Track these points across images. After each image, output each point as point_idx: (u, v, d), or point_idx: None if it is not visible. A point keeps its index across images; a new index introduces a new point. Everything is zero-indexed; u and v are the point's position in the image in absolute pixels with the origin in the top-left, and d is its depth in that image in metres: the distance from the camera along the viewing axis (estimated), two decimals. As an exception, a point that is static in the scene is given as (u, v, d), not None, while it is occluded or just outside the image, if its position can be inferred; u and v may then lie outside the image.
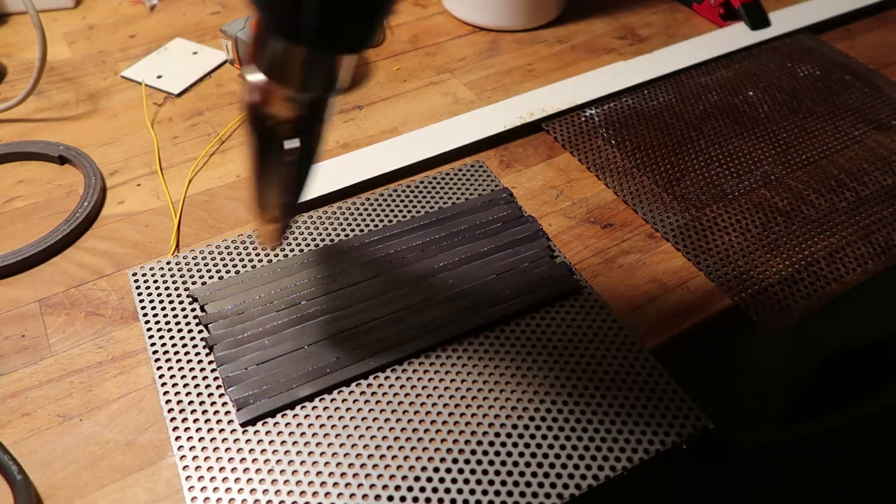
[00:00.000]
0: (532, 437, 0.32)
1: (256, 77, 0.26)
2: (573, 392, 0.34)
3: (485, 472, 0.31)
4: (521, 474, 0.31)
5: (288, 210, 0.31)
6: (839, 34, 0.60)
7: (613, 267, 0.40)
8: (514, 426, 0.32)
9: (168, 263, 0.39)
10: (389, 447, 0.32)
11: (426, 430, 0.32)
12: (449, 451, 0.31)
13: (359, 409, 0.33)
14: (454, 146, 0.46)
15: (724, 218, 0.42)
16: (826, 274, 0.39)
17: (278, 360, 0.34)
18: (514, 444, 0.32)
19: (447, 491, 0.30)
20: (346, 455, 0.31)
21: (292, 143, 0.28)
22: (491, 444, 0.32)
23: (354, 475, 0.31)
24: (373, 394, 0.34)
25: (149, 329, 0.36)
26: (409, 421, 0.33)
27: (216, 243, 0.40)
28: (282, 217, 0.31)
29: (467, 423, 0.32)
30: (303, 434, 0.32)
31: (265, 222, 0.31)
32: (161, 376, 0.34)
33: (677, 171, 0.46)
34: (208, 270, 0.39)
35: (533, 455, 0.31)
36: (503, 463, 0.31)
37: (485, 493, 0.30)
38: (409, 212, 0.42)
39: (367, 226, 0.42)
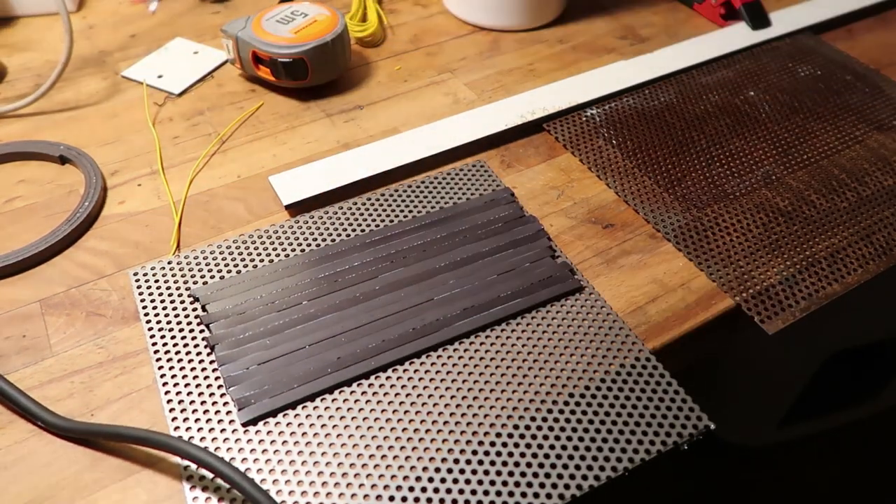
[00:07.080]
0: (533, 437, 0.32)
1: None
2: (574, 392, 0.34)
3: (486, 472, 0.31)
4: (522, 474, 0.31)
5: None
6: (840, 34, 0.60)
7: (615, 267, 0.40)
8: (516, 426, 0.32)
9: (169, 263, 0.39)
10: (390, 447, 0.32)
11: (427, 430, 0.32)
12: (450, 450, 0.31)
13: (360, 409, 0.33)
14: (455, 145, 0.46)
15: (726, 218, 0.42)
16: (827, 274, 0.39)
17: (280, 360, 0.34)
18: (515, 445, 0.32)
19: (448, 491, 0.30)
20: (347, 455, 0.31)
21: None
22: (492, 444, 0.32)
23: (356, 475, 0.31)
24: (374, 394, 0.34)
25: (150, 329, 0.36)
26: (410, 421, 0.33)
27: (217, 243, 0.40)
28: None
29: (468, 423, 0.32)
30: (304, 434, 0.32)
31: None
32: (162, 376, 0.34)
33: (678, 171, 0.46)
34: (209, 270, 0.39)
35: (534, 455, 0.31)
36: (504, 463, 0.31)
37: (486, 493, 0.30)
38: (410, 212, 0.42)
39: (369, 225, 0.42)
